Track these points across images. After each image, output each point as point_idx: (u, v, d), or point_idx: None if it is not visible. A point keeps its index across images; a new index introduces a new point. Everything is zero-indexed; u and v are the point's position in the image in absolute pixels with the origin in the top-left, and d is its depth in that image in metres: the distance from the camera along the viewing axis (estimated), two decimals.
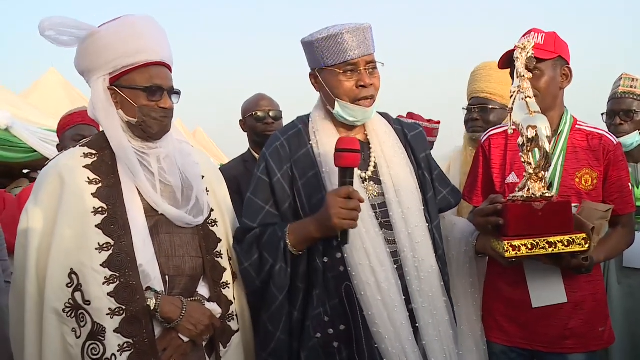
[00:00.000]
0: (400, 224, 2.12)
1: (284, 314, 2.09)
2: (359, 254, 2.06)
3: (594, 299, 2.27)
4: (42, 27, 1.93)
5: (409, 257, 2.11)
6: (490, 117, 3.06)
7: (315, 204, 2.09)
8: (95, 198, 1.93)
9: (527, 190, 2.06)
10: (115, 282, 1.87)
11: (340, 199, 1.95)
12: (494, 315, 2.32)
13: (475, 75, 3.12)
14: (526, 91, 2.07)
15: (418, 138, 2.32)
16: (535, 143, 2.01)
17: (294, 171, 2.15)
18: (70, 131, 3.27)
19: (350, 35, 2.06)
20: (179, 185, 2.05)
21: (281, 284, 2.07)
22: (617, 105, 3.18)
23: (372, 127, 2.23)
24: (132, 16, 2.05)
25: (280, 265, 2.06)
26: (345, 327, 2.07)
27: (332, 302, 2.08)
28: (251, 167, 3.27)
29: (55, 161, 2.05)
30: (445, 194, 2.34)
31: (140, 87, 1.97)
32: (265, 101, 3.42)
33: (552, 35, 2.28)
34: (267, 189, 2.15)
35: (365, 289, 2.04)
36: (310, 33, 2.16)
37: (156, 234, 1.98)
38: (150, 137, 2.02)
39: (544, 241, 2.00)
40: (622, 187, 2.30)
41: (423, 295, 2.10)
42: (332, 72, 2.10)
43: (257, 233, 2.12)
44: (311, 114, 2.27)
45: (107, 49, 1.96)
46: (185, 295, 1.99)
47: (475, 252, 2.32)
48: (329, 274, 2.09)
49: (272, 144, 2.20)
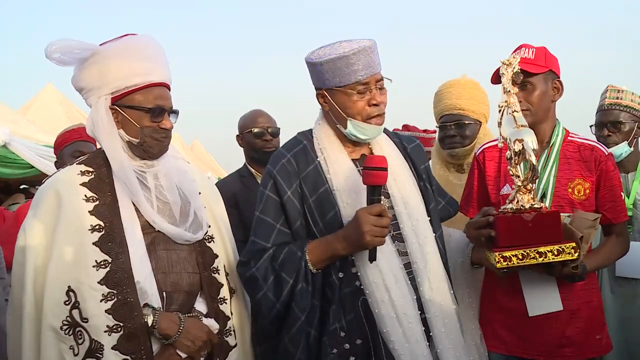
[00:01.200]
0: (411, 236, 2.14)
1: (303, 334, 2.07)
2: (372, 272, 2.06)
3: (590, 307, 2.30)
4: (49, 50, 1.95)
5: (421, 267, 2.13)
6: (466, 132, 3.06)
7: (328, 221, 2.10)
8: (92, 216, 1.94)
9: (517, 202, 2.09)
10: (112, 300, 1.87)
11: (373, 217, 1.97)
12: (491, 325, 2.34)
13: (445, 93, 3.12)
14: (513, 106, 2.11)
15: (417, 150, 2.35)
16: (522, 156, 2.04)
17: (303, 188, 2.14)
18: (68, 148, 3.29)
19: (360, 55, 2.06)
20: (177, 202, 2.06)
21: (304, 305, 2.06)
22: (605, 117, 3.21)
23: (376, 141, 2.25)
24: (136, 37, 2.08)
25: (302, 285, 2.05)
26: (362, 341, 2.07)
27: (348, 317, 2.08)
28: (248, 181, 3.30)
29: (53, 179, 2.06)
30: (444, 204, 2.38)
31: (145, 108, 1.99)
32: (263, 117, 3.43)
33: (542, 50, 2.33)
34: (278, 207, 2.13)
35: (380, 307, 2.05)
36: (312, 51, 2.18)
37: (153, 251, 1.99)
38: (150, 157, 2.04)
39: (534, 251, 2.03)
40: (615, 197, 2.34)
41: (435, 305, 2.12)
42: (344, 92, 2.10)
43: (271, 253, 2.09)
44: (314, 130, 2.27)
45: (110, 69, 1.98)
46: (183, 312, 2.00)
47: (471, 263, 2.35)
48: (344, 289, 2.09)
49: (279, 161, 2.17)
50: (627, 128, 3.16)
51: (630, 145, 3.17)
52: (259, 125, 3.37)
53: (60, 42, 1.96)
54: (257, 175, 3.38)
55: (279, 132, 3.43)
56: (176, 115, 2.09)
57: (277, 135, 3.40)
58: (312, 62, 2.14)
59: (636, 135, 3.21)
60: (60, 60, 1.98)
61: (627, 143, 3.16)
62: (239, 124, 3.48)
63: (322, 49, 2.15)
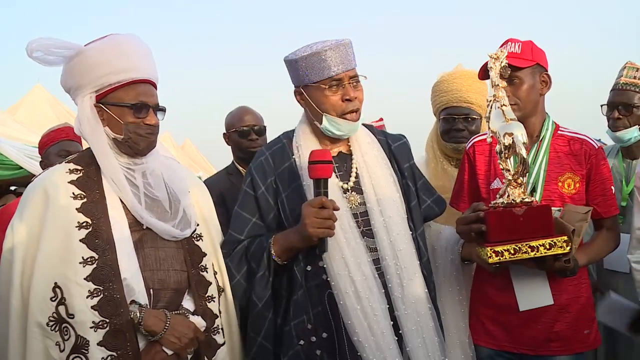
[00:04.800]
0: (381, 232, 2.16)
1: (265, 321, 2.13)
2: (337, 264, 2.10)
3: (580, 302, 2.30)
4: (30, 48, 1.95)
5: (391, 264, 2.14)
6: (473, 127, 3.01)
7: (298, 214, 2.11)
8: (79, 213, 1.94)
9: (507, 196, 2.09)
10: (99, 296, 1.87)
11: (314, 209, 2.02)
12: (480, 319, 2.35)
13: (452, 85, 3.03)
14: (501, 100, 2.11)
15: (402, 148, 2.36)
16: (512, 150, 2.04)
17: (277, 184, 2.22)
18: (54, 147, 3.27)
19: (333, 51, 2.12)
20: (166, 199, 2.06)
21: (261, 292, 2.13)
22: (618, 97, 3.03)
23: (355, 138, 2.27)
24: (118, 35, 2.08)
25: (262, 272, 2.12)
26: (328, 335, 2.10)
27: (315, 310, 2.11)
28: (235, 179, 3.28)
29: (41, 177, 2.07)
30: (429, 203, 2.37)
31: (127, 104, 2.00)
32: (249, 116, 3.41)
33: (529, 43, 2.32)
34: (253, 202, 2.22)
35: (345, 299, 2.08)
36: (292, 51, 2.21)
37: (141, 248, 1.99)
38: (137, 153, 2.04)
39: (526, 245, 2.03)
40: (605, 191, 2.34)
41: (406, 302, 2.12)
42: (318, 88, 2.15)
43: (245, 245, 2.19)
44: (295, 129, 2.32)
45: (94, 67, 1.99)
46: (170, 309, 1.99)
47: (461, 260, 2.35)
48: (311, 282, 2.13)
49: (258, 159, 2.28)
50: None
51: None
52: (244, 124, 3.36)
53: (40, 40, 1.97)
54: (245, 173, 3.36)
55: (265, 131, 3.42)
56: (163, 112, 2.09)
57: (263, 133, 3.39)
58: (288, 59, 2.21)
59: None
60: (44, 59, 1.99)
61: (639, 128, 2.99)
62: (226, 122, 3.47)
63: (300, 48, 2.20)
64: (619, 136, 3.04)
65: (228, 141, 3.45)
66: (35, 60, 1.98)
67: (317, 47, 2.13)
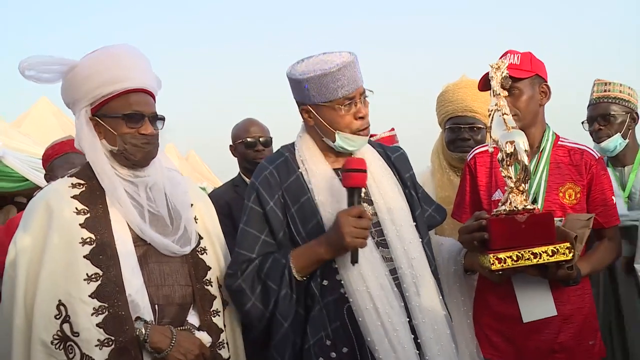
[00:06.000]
0: (395, 241, 2.14)
1: (289, 342, 2.08)
2: (356, 280, 2.07)
3: (583, 312, 2.29)
4: (21, 67, 1.95)
5: (407, 273, 2.12)
6: (479, 137, 3.02)
7: (310, 229, 2.11)
8: (83, 228, 1.93)
9: (510, 203, 2.09)
10: (104, 313, 1.86)
11: (352, 218, 1.99)
12: (484, 331, 2.34)
13: (458, 94, 3.05)
14: (503, 109, 2.12)
15: (401, 159, 2.36)
16: (514, 157, 2.05)
17: (285, 198, 2.16)
18: (59, 160, 3.25)
19: (345, 70, 2.09)
20: (166, 214, 2.04)
21: (287, 311, 2.07)
22: (594, 111, 3.18)
23: (359, 151, 2.26)
24: (111, 46, 2.07)
25: (286, 291, 2.06)
26: (349, 349, 2.07)
27: (333, 326, 2.08)
28: (242, 191, 3.27)
29: (44, 192, 2.05)
30: (430, 212, 2.38)
31: (119, 114, 1.98)
32: (255, 127, 3.42)
33: (528, 55, 2.34)
34: (261, 219, 2.15)
35: (364, 315, 2.05)
36: (292, 65, 2.19)
37: (145, 264, 1.98)
38: (135, 164, 2.02)
39: (528, 252, 2.02)
40: (606, 201, 2.34)
41: (423, 311, 2.11)
42: (330, 107, 2.12)
43: (257, 264, 2.11)
44: (295, 142, 2.29)
45: (86, 80, 1.98)
46: (175, 324, 1.99)
47: (464, 270, 2.34)
48: (329, 297, 2.09)
49: (261, 173, 2.21)
50: (618, 120, 3.13)
51: (625, 137, 3.13)
52: (251, 136, 3.37)
53: (31, 59, 1.96)
54: None
55: (271, 142, 3.43)
56: (162, 121, 2.07)
57: (269, 145, 3.40)
58: (296, 78, 2.15)
59: (630, 127, 3.16)
60: (39, 77, 1.99)
61: (621, 135, 3.11)
62: (232, 134, 3.48)
63: (303, 63, 2.17)
64: (604, 147, 3.14)
65: (234, 153, 3.46)
66: (30, 79, 1.98)
67: (328, 66, 2.08)
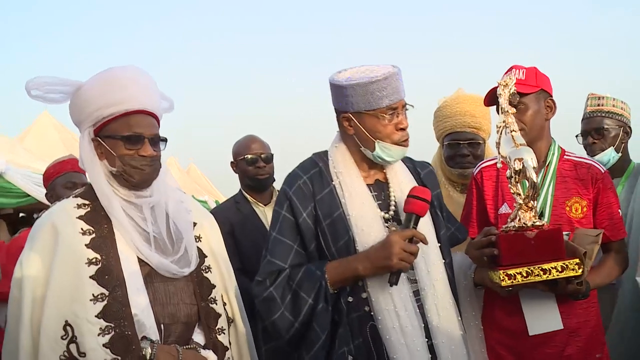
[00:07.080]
0: (421, 263, 2.13)
1: (324, 354, 2.08)
2: (384, 299, 2.06)
3: (589, 325, 2.29)
4: (27, 87, 1.97)
5: (429, 294, 2.12)
6: (478, 152, 3.02)
7: (341, 246, 2.10)
8: (89, 249, 1.93)
9: (519, 220, 2.10)
10: (110, 333, 1.86)
11: (403, 241, 2.00)
12: (491, 344, 2.33)
13: (456, 110, 3.05)
14: (511, 125, 2.13)
15: (430, 176, 2.35)
16: (523, 174, 2.06)
17: (317, 211, 2.14)
18: (60, 179, 3.27)
19: (391, 80, 2.09)
20: (165, 236, 2.04)
21: (325, 324, 2.06)
22: (588, 125, 3.21)
23: (392, 166, 2.24)
24: (116, 68, 2.08)
25: (322, 305, 2.06)
26: None
27: (356, 342, 2.07)
28: (243, 208, 3.30)
29: (49, 212, 2.05)
30: (453, 231, 2.38)
31: (119, 136, 1.99)
32: (256, 144, 3.43)
33: (533, 70, 2.35)
34: (294, 228, 2.14)
35: (390, 334, 2.04)
36: (335, 73, 2.19)
37: (150, 283, 1.98)
38: (135, 186, 2.02)
39: (538, 268, 2.04)
40: (612, 214, 2.34)
41: (442, 332, 2.11)
42: (375, 116, 2.11)
43: (288, 273, 2.11)
44: (329, 152, 2.26)
45: (89, 101, 2.00)
46: (181, 343, 1.98)
47: (474, 284, 2.34)
48: (353, 314, 2.09)
49: (294, 182, 2.18)
50: (612, 134, 3.16)
51: (618, 150, 3.16)
52: (251, 152, 3.38)
53: (38, 79, 1.99)
54: (253, 202, 3.38)
55: (272, 158, 3.44)
56: (164, 142, 2.08)
57: (270, 161, 3.41)
58: (340, 84, 2.14)
59: (623, 141, 3.19)
60: (45, 97, 2.02)
61: (614, 148, 3.14)
62: (233, 151, 3.49)
63: (347, 72, 2.17)
64: (597, 160, 3.11)
65: (236, 169, 3.46)
66: (36, 99, 2.00)
67: (375, 74, 2.08)
